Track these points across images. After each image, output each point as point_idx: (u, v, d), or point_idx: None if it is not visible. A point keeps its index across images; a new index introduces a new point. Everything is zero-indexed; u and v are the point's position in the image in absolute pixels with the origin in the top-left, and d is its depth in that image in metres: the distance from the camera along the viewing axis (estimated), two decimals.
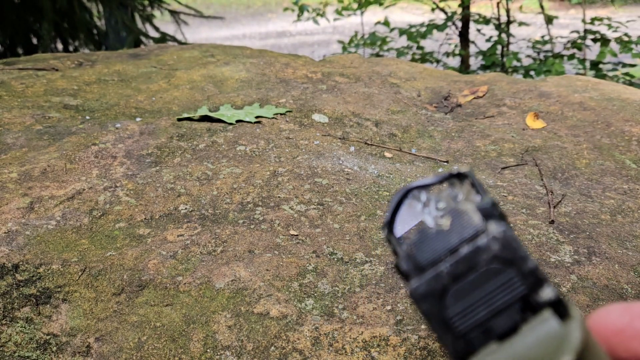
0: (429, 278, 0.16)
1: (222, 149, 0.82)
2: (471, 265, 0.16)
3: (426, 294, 0.16)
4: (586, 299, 0.56)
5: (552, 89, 1.10)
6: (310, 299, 0.55)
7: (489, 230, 0.16)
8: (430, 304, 0.16)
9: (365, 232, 0.65)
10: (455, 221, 0.17)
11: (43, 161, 0.76)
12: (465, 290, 0.16)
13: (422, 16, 4.20)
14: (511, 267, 0.16)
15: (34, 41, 2.26)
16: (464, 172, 0.17)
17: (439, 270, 0.16)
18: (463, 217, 0.17)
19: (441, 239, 0.17)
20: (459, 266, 0.16)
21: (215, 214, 0.68)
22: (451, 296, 0.16)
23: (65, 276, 0.57)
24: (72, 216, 0.65)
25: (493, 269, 0.16)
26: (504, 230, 0.16)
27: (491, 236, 0.16)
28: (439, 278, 0.16)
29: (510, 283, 0.16)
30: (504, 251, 0.16)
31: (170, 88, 1.07)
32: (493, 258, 0.16)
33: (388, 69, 1.25)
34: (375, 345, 0.50)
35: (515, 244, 0.16)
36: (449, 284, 0.16)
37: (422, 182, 0.18)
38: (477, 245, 0.16)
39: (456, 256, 0.16)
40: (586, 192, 0.77)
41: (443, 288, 0.16)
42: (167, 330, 0.52)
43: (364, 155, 0.85)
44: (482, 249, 0.16)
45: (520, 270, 0.16)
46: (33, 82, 1.06)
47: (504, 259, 0.16)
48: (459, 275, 0.16)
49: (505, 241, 0.16)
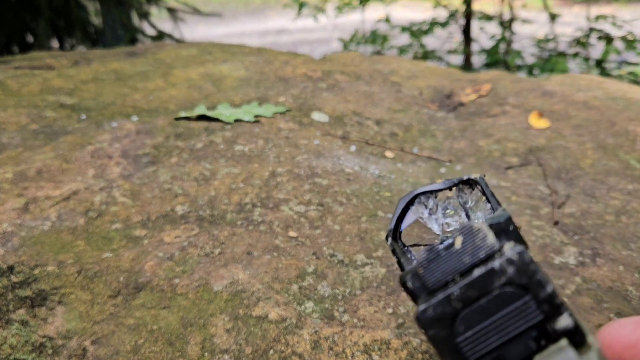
0: (438, 301, 0.15)
1: (220, 149, 0.81)
2: (484, 289, 0.15)
3: (434, 318, 0.15)
4: (590, 301, 0.55)
5: (556, 88, 1.09)
6: (310, 302, 0.54)
7: (504, 251, 0.15)
8: (438, 329, 0.15)
9: (366, 233, 0.64)
10: (468, 240, 0.16)
11: (39, 161, 0.75)
12: (477, 316, 0.15)
13: (424, 13, 4.18)
14: (527, 292, 0.15)
15: (30, 39, 2.24)
16: (475, 178, 0.16)
17: (449, 293, 0.15)
18: (476, 236, 0.16)
19: (452, 259, 0.16)
20: (471, 290, 0.15)
21: (213, 215, 0.67)
22: (461, 321, 0.15)
23: (61, 278, 0.56)
24: (68, 217, 0.64)
25: (507, 293, 0.15)
26: (520, 252, 0.15)
27: (506, 258, 0.15)
28: (449, 302, 0.15)
29: (526, 309, 0.15)
30: (519, 275, 0.15)
31: (167, 86, 1.06)
32: (508, 282, 0.15)
33: (389, 67, 1.23)
34: (376, 348, 0.49)
35: (533, 267, 0.15)
36: (459, 309, 0.15)
37: (430, 187, 0.17)
38: (490, 267, 0.15)
39: (468, 279, 0.15)
40: (590, 192, 0.76)
41: (453, 313, 0.15)
42: (164, 333, 0.51)
43: (365, 155, 0.84)
44: (496, 272, 0.15)
45: (536, 295, 0.15)
46: (29, 80, 1.05)
47: (520, 284, 0.15)
48: (470, 299, 0.15)
49: (521, 264, 0.15)
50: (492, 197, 0.16)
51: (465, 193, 0.16)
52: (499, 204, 0.16)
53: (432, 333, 0.15)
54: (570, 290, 0.56)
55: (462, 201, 0.17)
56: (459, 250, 0.16)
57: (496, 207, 0.16)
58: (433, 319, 0.15)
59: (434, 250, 0.16)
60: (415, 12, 5.30)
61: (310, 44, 4.96)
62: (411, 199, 0.17)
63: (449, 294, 0.15)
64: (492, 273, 0.15)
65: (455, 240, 0.16)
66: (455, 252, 0.16)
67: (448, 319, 0.15)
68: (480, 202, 0.16)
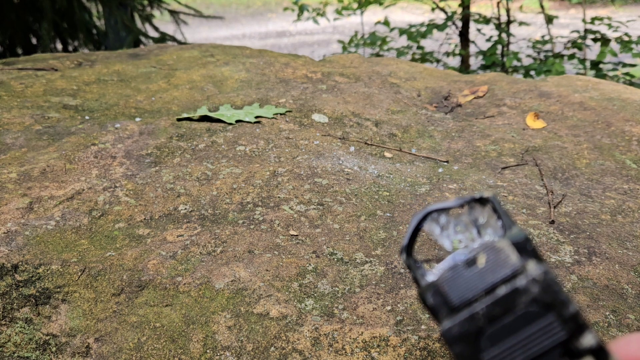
0: (464, 319, 0.16)
1: (221, 149, 0.82)
2: (509, 307, 0.15)
3: (460, 335, 0.15)
4: (586, 299, 0.56)
5: (553, 89, 1.10)
6: (310, 299, 0.55)
7: (528, 271, 0.16)
8: (464, 346, 0.15)
9: (365, 232, 0.65)
10: (491, 259, 0.16)
11: (42, 161, 0.76)
12: (502, 333, 0.15)
13: (422, 16, 4.20)
14: (551, 311, 0.15)
15: (34, 41, 2.25)
16: (487, 197, 0.16)
17: (475, 311, 0.16)
18: (499, 255, 0.16)
19: (476, 277, 0.16)
20: (496, 308, 0.15)
21: (215, 214, 0.67)
22: (487, 339, 0.15)
23: (64, 276, 0.57)
24: (72, 216, 0.65)
25: (532, 312, 0.15)
26: (544, 272, 0.16)
27: (531, 278, 0.16)
28: (475, 320, 0.15)
29: (550, 328, 0.15)
30: (544, 294, 0.15)
31: (169, 88, 1.07)
32: (532, 301, 0.15)
33: (388, 69, 1.24)
34: (375, 345, 0.50)
35: (556, 287, 0.15)
36: (484, 326, 0.15)
37: (442, 205, 0.17)
38: (515, 286, 0.15)
39: (493, 297, 0.16)
40: (586, 192, 0.77)
41: (478, 330, 0.15)
42: (166, 331, 0.52)
43: (364, 155, 0.85)
44: (521, 291, 0.15)
45: (560, 314, 0.15)
46: (32, 82, 1.06)
47: (544, 303, 0.15)
48: (495, 317, 0.15)
49: (545, 284, 0.15)
50: (505, 216, 0.16)
51: (477, 211, 0.17)
52: (512, 222, 0.16)
53: (458, 350, 0.16)
54: (566, 288, 0.57)
55: (473, 219, 0.17)
56: (482, 268, 0.16)
57: (509, 224, 0.16)
58: (459, 336, 0.16)
59: (456, 268, 0.16)
60: (413, 14, 5.32)
61: (310, 45, 4.98)
62: (424, 215, 0.17)
63: (475, 312, 0.16)
64: (517, 292, 0.15)
65: (478, 258, 0.16)
66: (478, 271, 0.16)
67: (473, 336, 0.15)
68: (491, 220, 0.17)
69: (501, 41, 2.64)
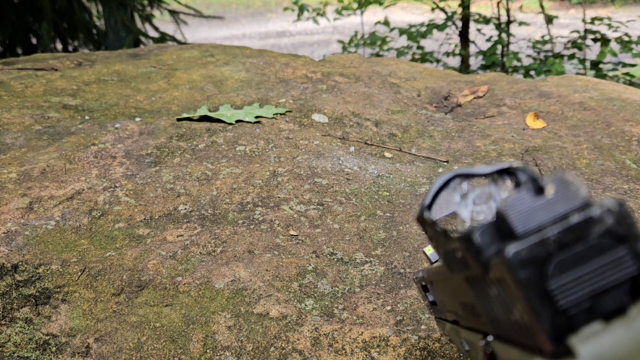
0: (533, 243, 0.14)
1: (221, 149, 0.82)
2: (581, 235, 0.14)
3: (527, 260, 0.14)
4: None
5: (552, 89, 1.10)
6: (310, 299, 0.55)
7: (603, 202, 0.15)
8: (530, 271, 0.14)
9: (365, 232, 0.65)
10: (560, 189, 0.15)
11: (42, 161, 0.76)
12: (571, 262, 0.14)
13: (422, 16, 4.20)
14: (624, 243, 0.14)
15: (34, 41, 2.25)
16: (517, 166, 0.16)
17: (546, 236, 0.14)
18: (569, 187, 0.15)
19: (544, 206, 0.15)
20: (568, 235, 0.14)
21: (214, 214, 0.67)
22: (555, 266, 0.14)
23: (64, 276, 0.57)
24: (72, 216, 0.65)
25: (604, 243, 0.14)
26: (620, 203, 0.15)
27: (606, 208, 0.15)
28: (545, 245, 0.14)
29: (621, 261, 0.14)
30: (618, 226, 0.15)
31: (169, 88, 1.07)
32: (606, 232, 0.14)
33: (388, 69, 1.25)
34: (375, 345, 0.50)
35: (630, 220, 0.15)
36: (554, 253, 0.14)
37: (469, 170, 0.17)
38: (590, 215, 0.15)
39: (565, 224, 0.15)
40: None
41: (547, 256, 0.14)
42: (166, 331, 0.52)
43: (364, 155, 0.85)
44: (595, 221, 0.15)
45: (633, 248, 0.14)
46: (32, 82, 1.06)
47: (618, 234, 0.14)
48: (566, 245, 0.14)
49: (620, 215, 0.15)
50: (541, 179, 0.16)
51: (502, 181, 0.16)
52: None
53: (523, 276, 0.14)
54: None
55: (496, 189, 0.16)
56: (551, 199, 0.15)
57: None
58: (527, 260, 0.14)
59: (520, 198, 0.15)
60: (413, 14, 5.32)
61: (310, 45, 4.98)
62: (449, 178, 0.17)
63: (546, 236, 0.15)
64: (590, 221, 0.15)
65: (547, 188, 0.15)
66: (547, 201, 0.15)
67: (541, 262, 0.14)
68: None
69: (501, 41, 2.64)
